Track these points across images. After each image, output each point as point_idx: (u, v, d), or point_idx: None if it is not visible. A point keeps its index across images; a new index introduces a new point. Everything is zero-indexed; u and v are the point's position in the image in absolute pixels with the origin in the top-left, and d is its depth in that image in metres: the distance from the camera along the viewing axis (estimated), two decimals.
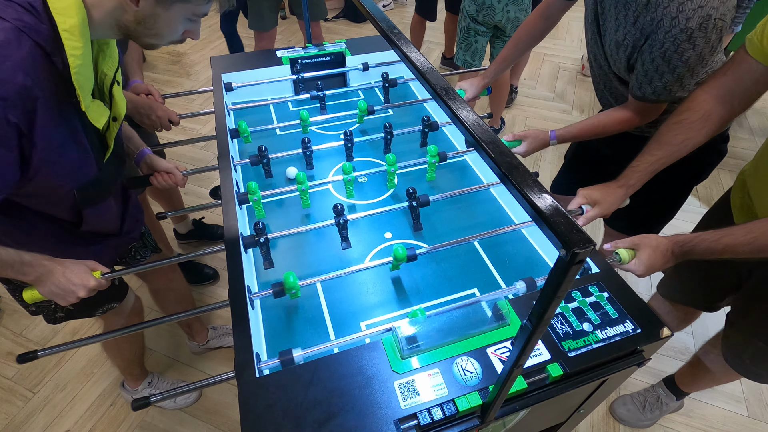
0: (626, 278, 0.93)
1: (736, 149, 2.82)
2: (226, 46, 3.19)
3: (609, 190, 1.07)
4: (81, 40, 0.72)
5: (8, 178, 0.73)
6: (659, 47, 0.98)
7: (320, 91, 1.50)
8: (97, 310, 1.21)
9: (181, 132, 2.80)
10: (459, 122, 0.54)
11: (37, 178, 0.79)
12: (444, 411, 0.71)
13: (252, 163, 1.24)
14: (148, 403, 0.81)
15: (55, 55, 0.71)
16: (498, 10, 2.15)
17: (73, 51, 0.71)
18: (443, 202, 1.19)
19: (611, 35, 1.10)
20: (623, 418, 1.58)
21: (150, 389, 1.61)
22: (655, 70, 1.01)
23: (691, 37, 0.93)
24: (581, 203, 1.08)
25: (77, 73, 0.73)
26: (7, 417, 1.59)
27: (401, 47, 0.68)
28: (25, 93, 0.69)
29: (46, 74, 0.71)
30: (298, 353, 0.80)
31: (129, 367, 1.55)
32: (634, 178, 1.05)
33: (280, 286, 0.89)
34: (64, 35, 0.69)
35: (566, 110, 3.16)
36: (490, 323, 0.82)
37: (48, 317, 1.17)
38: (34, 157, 0.75)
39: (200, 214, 2.27)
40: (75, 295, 0.90)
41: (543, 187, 0.44)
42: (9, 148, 0.71)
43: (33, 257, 0.86)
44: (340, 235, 1.07)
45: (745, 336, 1.14)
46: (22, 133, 0.71)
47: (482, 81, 1.50)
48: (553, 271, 0.41)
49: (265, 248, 1.02)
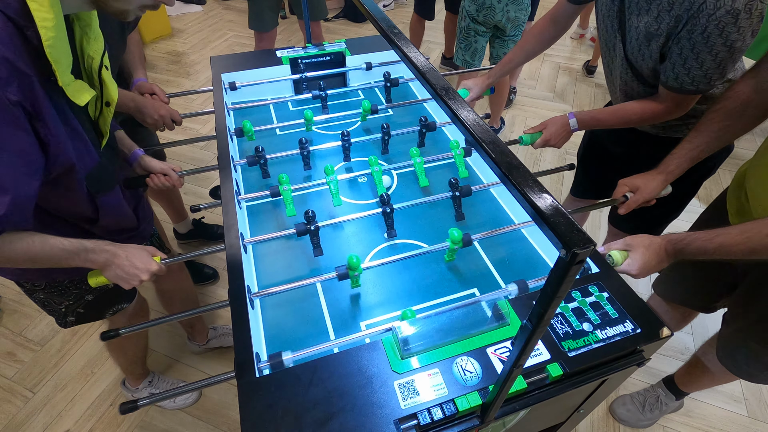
0: (626, 278, 0.93)
1: (737, 149, 2.79)
2: (226, 46, 3.19)
3: (649, 177, 1.11)
4: (51, 11, 0.68)
5: (38, 162, 0.73)
6: (701, 32, 0.94)
7: (322, 91, 1.50)
8: (106, 312, 1.21)
9: (181, 132, 2.79)
10: (459, 122, 0.54)
11: (57, 161, 0.78)
12: (444, 411, 0.71)
13: (249, 163, 1.24)
14: (136, 407, 0.82)
15: (28, 29, 0.68)
16: (498, 10, 2.15)
17: (44, 23, 0.68)
18: (443, 203, 1.19)
19: (641, 27, 1.06)
20: (623, 418, 1.58)
21: (150, 388, 1.61)
22: (695, 57, 0.98)
23: (737, 19, 0.90)
24: (624, 191, 1.12)
25: (50, 46, 0.69)
26: (7, 417, 1.59)
27: (401, 47, 0.68)
28: (14, 68, 0.66)
29: (23, 50, 0.68)
30: (288, 356, 0.80)
31: (131, 366, 1.55)
32: (674, 164, 1.08)
33: (345, 269, 0.91)
34: (32, 6, 0.66)
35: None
36: (490, 323, 0.82)
37: (59, 321, 1.17)
38: (50, 138, 0.74)
39: (200, 214, 2.27)
40: (139, 278, 0.91)
41: (543, 187, 0.44)
42: (25, 130, 0.70)
43: (95, 244, 0.87)
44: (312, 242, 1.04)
45: (739, 336, 1.14)
46: (29, 113, 0.70)
47: (486, 81, 1.51)
48: (553, 271, 0.41)
49: (316, 236, 1.03)
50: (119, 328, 0.85)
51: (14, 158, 0.69)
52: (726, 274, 1.18)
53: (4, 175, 0.69)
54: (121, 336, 0.90)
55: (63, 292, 1.09)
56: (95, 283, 0.93)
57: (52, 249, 0.81)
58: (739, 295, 1.15)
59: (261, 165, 1.25)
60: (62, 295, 1.10)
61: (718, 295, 1.24)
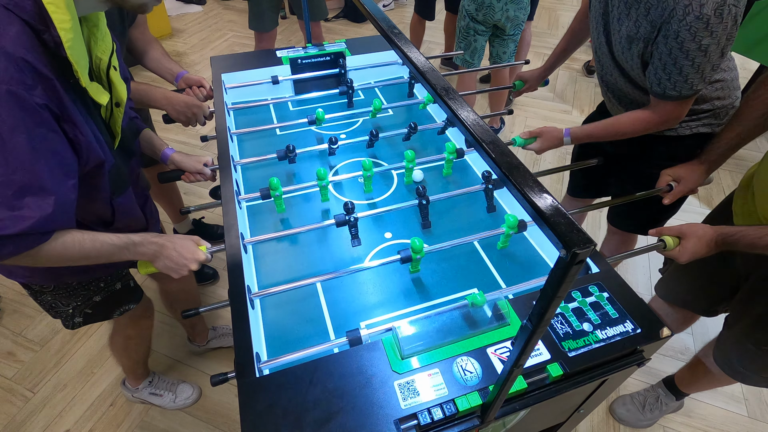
0: (626, 278, 0.94)
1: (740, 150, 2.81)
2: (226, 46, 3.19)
3: (692, 167, 1.13)
4: (68, 12, 0.68)
5: (71, 162, 0.75)
6: (674, 37, 0.95)
7: (350, 88, 1.52)
8: (114, 313, 1.22)
9: (181, 131, 2.80)
10: (459, 122, 0.54)
11: (90, 160, 0.80)
12: (444, 411, 0.71)
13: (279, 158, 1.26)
14: (226, 378, 0.81)
15: (44, 32, 0.68)
16: (497, 9, 2.15)
17: (62, 24, 0.67)
18: (443, 203, 1.19)
19: (623, 31, 1.08)
20: (623, 418, 1.58)
21: (150, 388, 1.61)
22: (673, 62, 0.98)
23: (708, 24, 0.91)
24: (668, 181, 1.15)
25: (71, 47, 0.69)
26: (7, 417, 1.59)
27: (401, 47, 0.68)
28: (36, 72, 0.67)
29: (41, 53, 0.69)
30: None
31: (134, 366, 1.55)
32: (715, 153, 1.09)
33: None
34: (50, 8, 0.66)
35: (566, 110, 3.16)
36: (490, 323, 0.82)
37: (66, 322, 1.17)
38: (80, 137, 0.76)
39: (200, 214, 2.28)
40: (187, 267, 0.92)
41: (543, 187, 0.44)
42: (55, 131, 0.71)
43: (141, 237, 0.89)
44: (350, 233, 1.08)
45: (738, 338, 1.14)
46: (56, 115, 0.71)
47: (542, 72, 1.56)
48: (554, 271, 0.41)
49: (354, 227, 1.05)
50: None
51: (50, 159, 0.71)
52: (729, 278, 1.18)
53: (45, 176, 0.70)
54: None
55: (71, 293, 1.10)
56: (145, 272, 0.96)
57: (103, 245, 0.83)
58: (740, 297, 1.15)
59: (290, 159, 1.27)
60: (70, 297, 1.11)
61: (720, 298, 1.24)
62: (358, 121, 1.53)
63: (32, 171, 0.68)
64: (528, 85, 1.62)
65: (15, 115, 0.64)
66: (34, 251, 0.74)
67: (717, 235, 0.96)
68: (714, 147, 1.10)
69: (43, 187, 0.70)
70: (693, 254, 0.97)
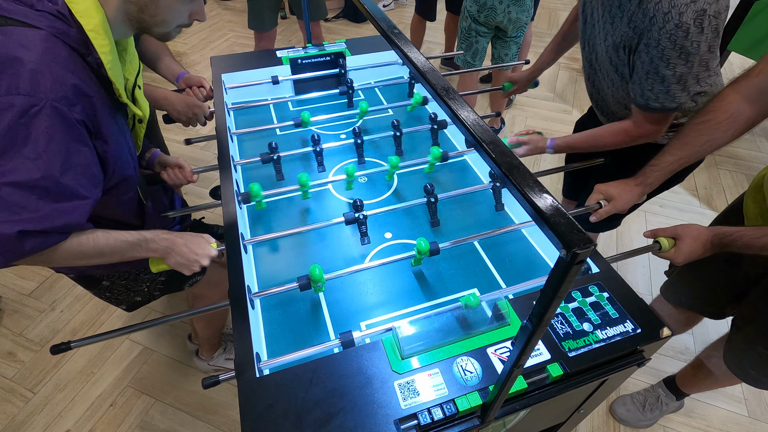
0: (626, 278, 0.93)
1: (737, 149, 2.82)
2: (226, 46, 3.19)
3: (626, 188, 1.07)
4: (106, 38, 0.77)
5: (99, 176, 0.81)
6: (655, 45, 0.95)
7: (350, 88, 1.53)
8: (185, 284, 1.29)
9: (182, 132, 2.80)
10: (459, 122, 0.54)
11: (114, 175, 0.86)
12: (444, 411, 0.71)
13: (263, 161, 1.25)
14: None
15: (87, 56, 0.76)
16: (499, 11, 2.14)
17: (103, 48, 0.76)
18: (443, 203, 1.19)
19: (609, 39, 1.08)
20: (623, 418, 1.58)
21: (225, 354, 1.70)
22: (655, 71, 0.98)
23: (688, 33, 0.91)
24: (598, 199, 1.09)
25: (111, 69, 0.78)
26: (7, 417, 1.59)
27: (401, 47, 0.68)
28: (79, 91, 0.73)
29: (85, 74, 0.76)
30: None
31: (212, 336, 1.62)
32: (653, 176, 1.04)
33: (307, 279, 0.90)
34: (91, 35, 0.74)
35: (566, 110, 3.15)
36: (490, 323, 0.82)
37: (144, 299, 1.23)
38: (109, 154, 0.82)
39: (200, 214, 2.27)
40: (199, 264, 0.96)
41: (543, 187, 0.44)
42: (89, 146, 0.77)
43: (153, 234, 0.92)
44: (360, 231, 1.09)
45: (749, 341, 1.13)
46: (90, 131, 0.77)
47: (531, 74, 1.57)
48: (554, 271, 0.41)
49: (364, 225, 1.05)
50: (70, 341, 0.87)
51: (81, 170, 0.76)
52: (737, 281, 1.17)
53: (76, 184, 0.75)
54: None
55: (137, 277, 1.16)
56: (157, 269, 0.97)
57: (116, 242, 0.86)
58: (751, 299, 1.14)
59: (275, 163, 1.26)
60: (137, 280, 1.17)
61: (727, 301, 1.22)
62: (358, 121, 1.53)
63: (64, 178, 0.73)
64: (517, 86, 1.62)
65: (56, 128, 0.70)
66: (52, 249, 0.77)
67: (713, 235, 0.94)
68: (652, 170, 1.04)
69: (72, 194, 0.75)
70: (688, 255, 0.95)
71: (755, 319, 1.12)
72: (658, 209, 2.41)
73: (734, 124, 0.93)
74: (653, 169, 1.04)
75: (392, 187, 1.28)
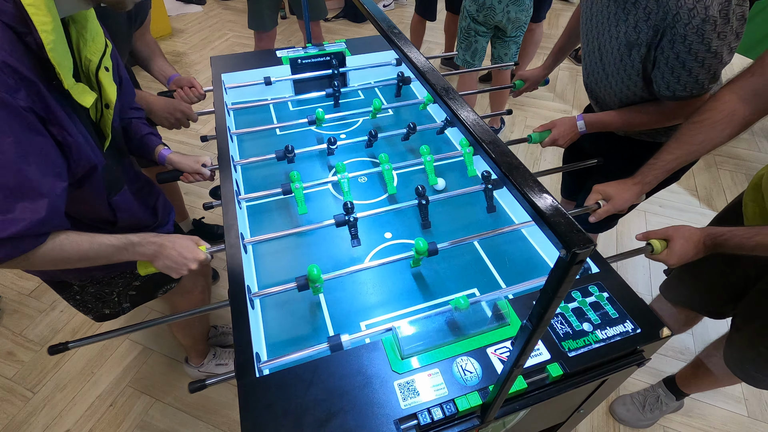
0: (626, 278, 0.93)
1: (737, 149, 2.82)
2: (226, 46, 3.19)
3: (624, 187, 1.07)
4: (48, 14, 0.68)
5: (60, 164, 0.74)
6: (681, 41, 0.94)
7: (336, 90, 1.52)
8: (157, 292, 1.25)
9: (181, 131, 2.80)
10: (459, 122, 0.54)
11: (80, 163, 0.80)
12: (444, 411, 0.71)
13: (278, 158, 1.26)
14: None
15: (26, 35, 0.68)
16: (498, 10, 2.14)
17: (43, 26, 0.67)
18: (443, 203, 1.19)
19: (621, 36, 1.06)
20: (623, 418, 1.58)
21: (215, 360, 1.66)
22: (682, 65, 0.97)
23: (716, 26, 0.89)
24: (596, 199, 1.09)
25: (52, 49, 0.69)
26: (7, 417, 1.59)
27: (401, 47, 0.68)
28: (19, 75, 0.67)
29: (24, 56, 0.68)
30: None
31: (195, 343, 1.58)
32: (651, 175, 1.04)
33: (305, 279, 0.90)
34: (30, 10, 0.66)
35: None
36: (490, 323, 0.82)
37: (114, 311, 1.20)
38: (69, 139, 0.76)
39: (200, 214, 2.28)
40: (187, 267, 0.92)
41: (543, 187, 0.44)
42: (42, 134, 0.71)
43: (140, 237, 0.89)
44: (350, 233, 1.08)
45: (749, 340, 1.13)
46: (42, 118, 0.71)
47: (542, 71, 1.57)
48: (553, 271, 0.41)
49: (354, 227, 1.04)
50: (68, 342, 0.86)
51: (40, 162, 0.70)
52: (737, 280, 1.16)
53: (36, 179, 0.70)
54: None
55: (110, 282, 1.12)
56: (145, 273, 0.95)
57: (101, 246, 0.83)
58: (752, 299, 1.14)
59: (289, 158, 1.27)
60: (111, 285, 1.13)
61: (727, 301, 1.22)
62: (358, 121, 1.53)
63: (22, 174, 0.68)
64: (528, 84, 1.63)
65: (0, 119, 0.65)
66: (30, 254, 0.74)
67: (705, 236, 0.93)
68: (650, 169, 1.04)
69: (34, 190, 0.70)
70: (681, 257, 0.94)
71: (755, 318, 1.12)
72: (658, 209, 2.41)
73: (730, 124, 0.93)
74: (651, 168, 1.04)
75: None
